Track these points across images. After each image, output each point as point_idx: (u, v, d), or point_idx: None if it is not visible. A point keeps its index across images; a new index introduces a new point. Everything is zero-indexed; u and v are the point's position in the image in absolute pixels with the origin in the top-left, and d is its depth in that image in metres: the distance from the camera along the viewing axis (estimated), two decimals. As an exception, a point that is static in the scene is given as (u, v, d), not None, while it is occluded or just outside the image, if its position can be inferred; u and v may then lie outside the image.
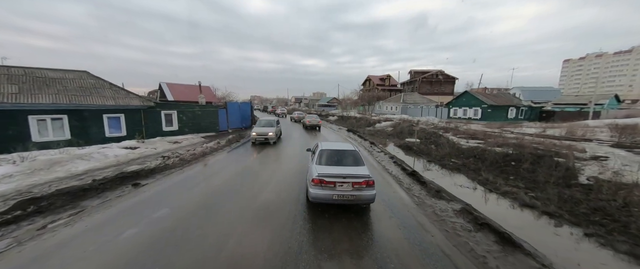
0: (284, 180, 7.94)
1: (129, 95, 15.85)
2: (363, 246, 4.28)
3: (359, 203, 5.49)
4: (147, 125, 16.01)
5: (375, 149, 13.72)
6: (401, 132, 18.88)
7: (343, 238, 4.50)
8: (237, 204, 5.96)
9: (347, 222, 5.15)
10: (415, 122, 23.69)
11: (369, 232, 4.77)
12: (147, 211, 5.54)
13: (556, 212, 5.47)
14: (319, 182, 5.33)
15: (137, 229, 4.74)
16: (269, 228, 4.84)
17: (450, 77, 70.19)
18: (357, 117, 32.44)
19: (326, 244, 4.30)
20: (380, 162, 10.70)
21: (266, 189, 7.02)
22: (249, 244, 4.28)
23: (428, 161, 10.84)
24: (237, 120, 22.34)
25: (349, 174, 5.42)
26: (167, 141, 14.48)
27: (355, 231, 4.79)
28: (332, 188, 5.29)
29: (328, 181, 5.30)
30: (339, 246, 4.24)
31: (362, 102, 48.60)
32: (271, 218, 5.26)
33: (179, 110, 17.95)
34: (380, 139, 18.08)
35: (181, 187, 7.17)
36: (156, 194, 6.60)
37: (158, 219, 5.16)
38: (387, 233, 4.78)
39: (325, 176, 5.35)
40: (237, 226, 4.90)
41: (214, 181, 7.96)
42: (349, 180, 5.29)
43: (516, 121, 35.08)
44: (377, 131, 22.09)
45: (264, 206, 5.90)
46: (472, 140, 14.36)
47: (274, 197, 6.43)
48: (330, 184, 5.29)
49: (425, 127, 20.55)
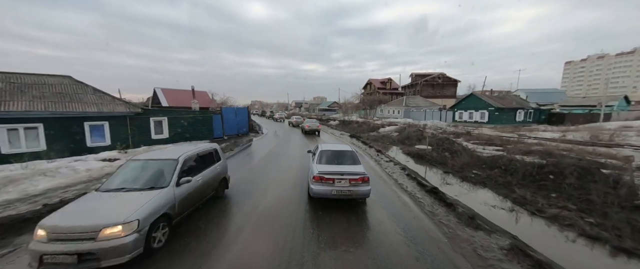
0: (281, 206, 6.61)
1: (115, 101, 14.64)
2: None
3: (355, 198, 6.02)
4: (134, 133, 14.76)
5: (383, 158, 12.40)
6: (408, 138, 17.57)
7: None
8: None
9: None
10: (422, 127, 22.41)
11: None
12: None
13: (637, 249, 4.14)
14: (319, 179, 5.83)
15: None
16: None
17: (452, 80, 69.19)
18: (359, 122, 31.18)
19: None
20: (391, 174, 9.37)
21: (257, 220, 5.70)
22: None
23: (445, 172, 9.51)
24: (233, 126, 21.09)
25: (346, 171, 5.94)
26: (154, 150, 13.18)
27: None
28: (331, 184, 5.78)
29: (327, 178, 5.79)
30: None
31: (363, 106, 47.39)
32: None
33: (170, 116, 16.72)
34: (386, 145, 16.77)
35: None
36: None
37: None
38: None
39: (325, 173, 5.85)
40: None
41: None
42: (346, 177, 5.79)
43: (525, 124, 33.75)
44: (381, 137, 20.80)
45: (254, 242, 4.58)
46: (488, 147, 13.05)
47: (265, 229, 5.10)
48: (329, 181, 5.79)
49: (434, 132, 19.26)
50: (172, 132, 16.68)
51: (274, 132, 24.98)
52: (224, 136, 19.99)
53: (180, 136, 17.11)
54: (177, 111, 18.16)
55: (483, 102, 33.02)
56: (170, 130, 16.66)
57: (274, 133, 24.62)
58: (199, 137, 18.28)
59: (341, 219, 5.44)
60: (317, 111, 76.75)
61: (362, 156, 12.65)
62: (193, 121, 18.00)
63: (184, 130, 17.44)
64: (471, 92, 35.12)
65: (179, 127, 17.17)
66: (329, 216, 5.58)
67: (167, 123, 16.46)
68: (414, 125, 23.77)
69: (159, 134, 16.20)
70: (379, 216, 5.68)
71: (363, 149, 15.26)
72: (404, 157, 12.66)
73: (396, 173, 9.45)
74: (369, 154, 13.57)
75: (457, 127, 27.43)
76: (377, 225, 5.24)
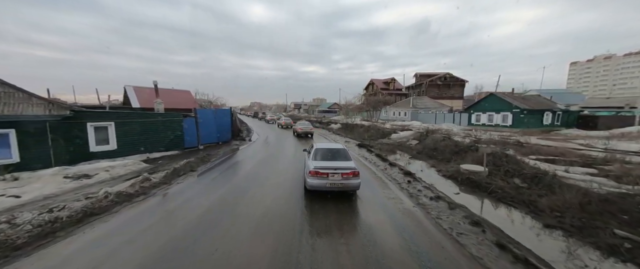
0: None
1: (31, 99, 10.33)
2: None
3: (347, 190, 6.67)
4: (60, 145, 10.48)
5: (419, 187, 8.15)
6: (436, 150, 13.36)
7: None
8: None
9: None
10: (447, 132, 18.27)
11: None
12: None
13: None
14: (315, 173, 6.48)
15: None
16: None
17: (459, 80, 65.44)
18: (365, 126, 26.96)
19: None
20: (458, 238, 5.11)
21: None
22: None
23: (545, 226, 5.34)
24: (211, 132, 16.84)
25: (338, 166, 6.61)
26: (71, 173, 8.78)
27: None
28: (325, 178, 6.42)
29: (322, 172, 6.44)
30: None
31: (366, 108, 43.24)
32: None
33: (120, 121, 12.44)
34: (407, 159, 12.56)
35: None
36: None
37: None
38: None
39: (320, 168, 6.51)
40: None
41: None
42: (339, 171, 6.46)
43: (553, 128, 29.73)
44: (397, 145, 16.59)
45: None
46: (571, 166, 8.89)
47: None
48: (323, 175, 6.43)
49: (462, 139, 15.07)
50: (121, 142, 12.39)
51: (265, 139, 20.75)
52: (200, 146, 15.74)
53: (135, 146, 12.85)
54: (134, 113, 13.88)
55: (506, 103, 28.94)
56: (120, 139, 12.37)
57: (265, 140, 20.38)
58: (165, 148, 14.01)
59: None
60: (316, 112, 72.40)
61: (386, 184, 8.50)
62: (153, 127, 13.72)
63: (141, 138, 13.16)
64: (491, 93, 31.02)
65: (134, 135, 12.90)
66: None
67: (114, 130, 12.18)
68: (435, 130, 19.57)
69: (103, 145, 11.92)
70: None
71: (381, 167, 10.97)
72: (449, 184, 8.46)
73: (470, 237, 5.12)
74: (394, 177, 9.30)
75: (474, 130, 23.32)
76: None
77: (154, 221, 5.59)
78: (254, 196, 7.09)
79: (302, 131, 21.43)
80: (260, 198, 6.93)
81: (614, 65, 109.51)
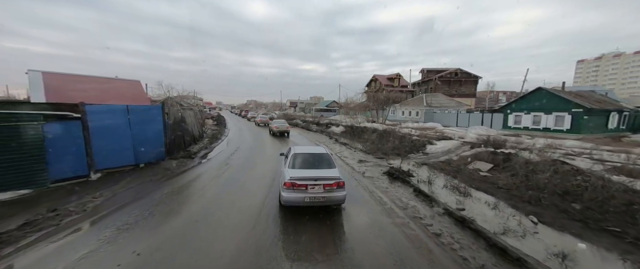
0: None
1: None
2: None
3: (330, 204, 5.51)
4: None
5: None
6: (540, 188, 6.19)
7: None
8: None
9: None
10: (519, 145, 11.18)
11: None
12: None
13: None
14: (291, 186, 5.27)
15: None
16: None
17: (471, 76, 58.82)
18: (378, 130, 19.59)
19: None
20: None
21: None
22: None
23: None
24: (123, 146, 9.30)
25: (320, 176, 5.43)
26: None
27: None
28: (303, 191, 5.25)
29: (300, 184, 5.24)
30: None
31: (372, 106, 36.04)
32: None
33: None
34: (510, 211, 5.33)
35: None
36: None
37: None
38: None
39: (297, 179, 5.29)
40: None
41: None
42: (320, 182, 5.30)
43: (619, 132, 22.97)
44: (443, 167, 9.37)
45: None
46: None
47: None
48: (302, 187, 5.25)
49: (606, 174, 7.99)
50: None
51: (234, 150, 13.38)
52: (91, 173, 8.26)
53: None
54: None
55: (562, 101, 21.94)
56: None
57: (234, 151, 13.04)
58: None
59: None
60: (313, 111, 64.74)
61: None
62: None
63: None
64: (538, 87, 24.03)
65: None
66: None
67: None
68: (496, 141, 12.34)
69: None
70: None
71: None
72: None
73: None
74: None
75: (519, 136, 16.22)
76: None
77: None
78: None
79: (278, 130, 20.95)
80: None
81: (623, 63, 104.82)
